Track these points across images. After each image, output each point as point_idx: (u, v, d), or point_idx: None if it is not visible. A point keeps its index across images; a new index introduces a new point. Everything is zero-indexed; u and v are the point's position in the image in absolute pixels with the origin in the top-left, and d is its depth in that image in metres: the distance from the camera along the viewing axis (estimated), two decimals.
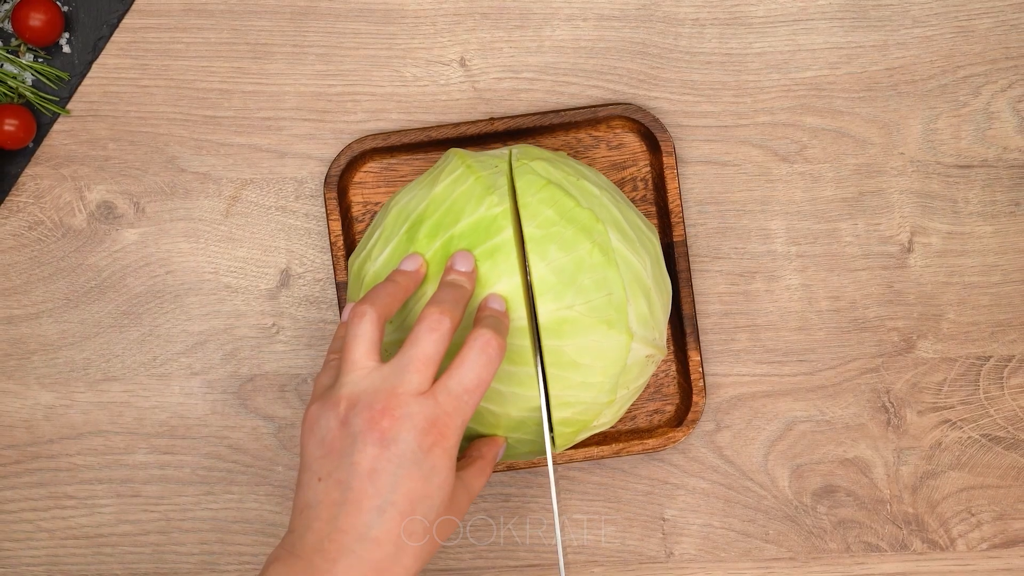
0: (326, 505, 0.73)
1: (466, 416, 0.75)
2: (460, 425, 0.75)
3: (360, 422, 0.74)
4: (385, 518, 0.73)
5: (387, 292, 0.78)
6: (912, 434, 0.96)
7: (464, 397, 0.75)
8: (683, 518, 0.96)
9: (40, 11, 0.92)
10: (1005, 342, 0.96)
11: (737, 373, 0.96)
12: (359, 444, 0.73)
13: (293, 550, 0.74)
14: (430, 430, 0.74)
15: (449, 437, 0.74)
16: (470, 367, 0.75)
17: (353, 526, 0.73)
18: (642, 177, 0.95)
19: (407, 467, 0.73)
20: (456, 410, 0.75)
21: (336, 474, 0.74)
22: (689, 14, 0.96)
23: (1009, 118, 0.96)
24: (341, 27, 0.95)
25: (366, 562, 0.72)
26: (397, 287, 0.79)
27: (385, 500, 0.73)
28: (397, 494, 0.73)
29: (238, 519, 0.96)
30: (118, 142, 0.96)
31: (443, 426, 0.74)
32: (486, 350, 0.75)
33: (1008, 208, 0.96)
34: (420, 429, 0.73)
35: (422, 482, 0.74)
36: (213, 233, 0.96)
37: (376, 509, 0.73)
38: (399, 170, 0.95)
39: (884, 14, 0.95)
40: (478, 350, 0.75)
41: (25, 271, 0.96)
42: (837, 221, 0.96)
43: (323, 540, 0.73)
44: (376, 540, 0.73)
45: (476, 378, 0.75)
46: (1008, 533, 0.96)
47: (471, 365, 0.75)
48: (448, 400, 0.74)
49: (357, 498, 0.73)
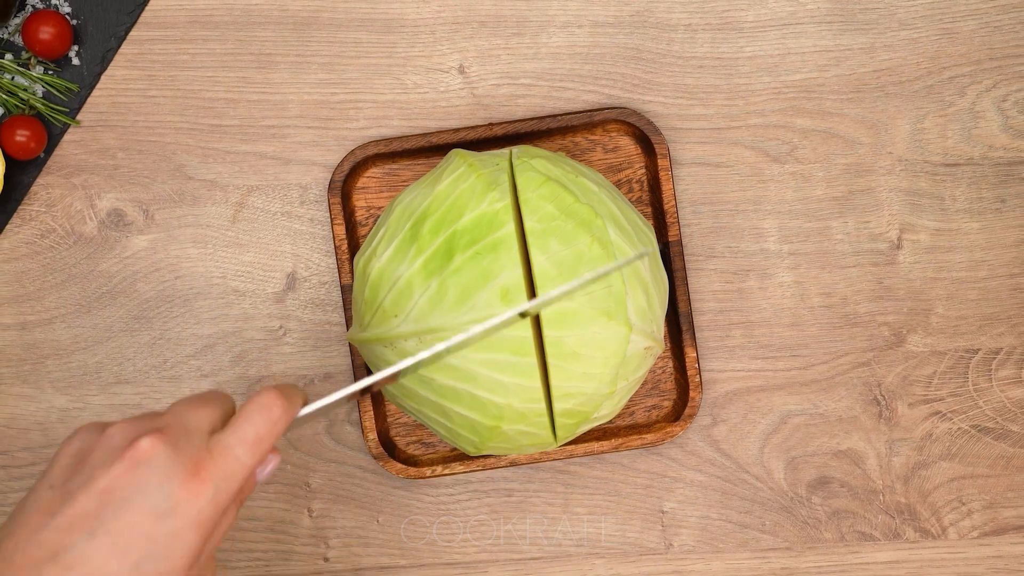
0: (40, 513, 0.64)
1: (237, 477, 0.65)
2: (224, 482, 0.65)
3: (125, 439, 0.65)
4: (92, 543, 0.62)
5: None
6: (903, 426, 0.97)
7: (238, 451, 0.66)
8: (682, 510, 0.97)
9: (50, 24, 0.93)
10: (993, 335, 0.97)
11: (732, 369, 0.97)
12: (110, 460, 0.64)
13: None
14: (192, 473, 0.64)
15: (206, 491, 0.64)
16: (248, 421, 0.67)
17: (53, 543, 0.62)
18: (637, 179, 0.96)
19: (143, 497, 0.63)
20: (226, 464, 0.65)
21: (69, 484, 0.64)
22: (681, 20, 0.96)
23: (994, 117, 0.96)
24: (343, 37, 0.96)
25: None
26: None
27: (102, 524, 0.63)
28: (117, 522, 0.63)
29: (248, 516, 0.97)
30: (127, 151, 0.97)
31: (207, 476, 0.64)
32: (270, 408, 0.67)
33: (994, 205, 0.97)
34: (181, 465, 0.64)
35: (152, 521, 0.63)
36: (220, 239, 0.97)
37: (87, 531, 0.63)
38: (401, 175, 0.96)
39: (871, 17, 0.96)
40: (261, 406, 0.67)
41: (38, 278, 0.97)
42: (828, 219, 0.97)
43: (16, 552, 0.63)
44: (69, 565, 0.62)
45: (255, 434, 0.66)
46: (998, 521, 0.97)
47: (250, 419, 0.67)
48: (220, 451, 0.65)
49: (75, 514, 0.63)
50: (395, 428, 0.96)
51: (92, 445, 0.66)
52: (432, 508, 0.97)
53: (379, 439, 0.95)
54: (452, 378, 0.82)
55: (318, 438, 0.97)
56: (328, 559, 0.97)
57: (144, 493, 0.63)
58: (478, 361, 0.82)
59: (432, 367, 0.82)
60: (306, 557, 0.97)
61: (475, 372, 0.82)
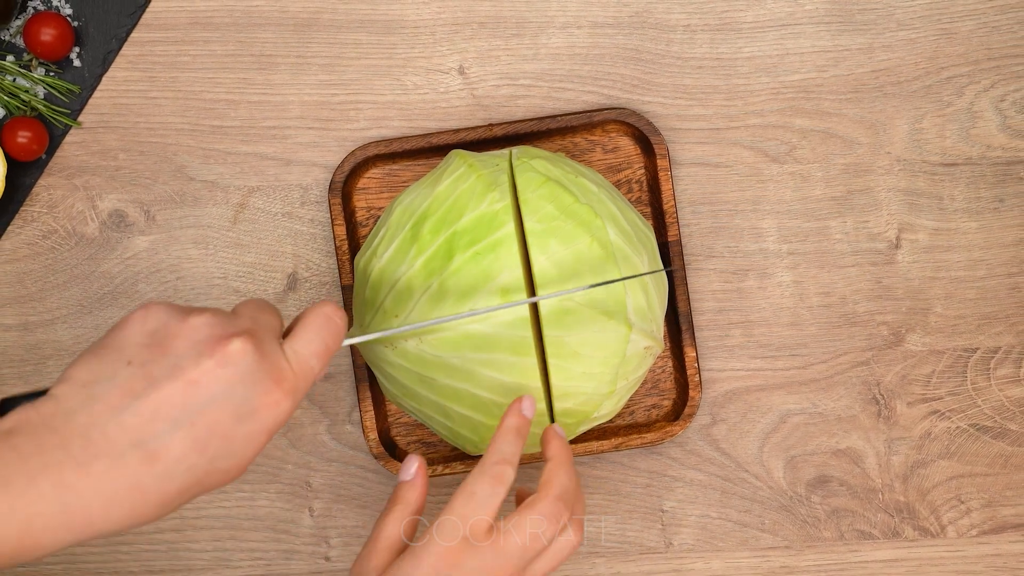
0: (121, 392, 0.63)
1: (308, 386, 0.69)
2: (297, 392, 0.68)
3: (213, 335, 0.66)
4: (175, 434, 0.63)
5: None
6: (902, 425, 0.97)
7: (312, 362, 0.69)
8: (681, 509, 0.97)
9: (51, 26, 0.93)
10: (991, 334, 0.97)
11: (732, 368, 0.97)
12: (198, 353, 0.65)
13: (50, 422, 0.63)
14: (275, 381, 0.66)
15: (283, 400, 0.67)
16: (317, 332, 0.70)
17: (137, 428, 0.63)
18: (637, 179, 0.96)
19: (229, 398, 0.64)
20: (302, 375, 0.68)
21: (151, 367, 0.64)
22: (680, 20, 0.97)
23: (992, 117, 0.96)
24: (343, 38, 0.97)
25: (128, 474, 0.62)
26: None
27: (185, 416, 0.64)
28: (202, 417, 0.64)
29: (250, 516, 0.97)
30: (128, 152, 0.97)
31: (287, 386, 0.67)
32: (334, 319, 0.71)
33: (992, 204, 0.97)
34: (265, 372, 0.66)
35: (233, 421, 0.65)
36: (221, 239, 0.97)
37: (172, 421, 0.63)
38: (401, 176, 0.96)
39: (869, 18, 0.96)
40: (326, 317, 0.70)
41: (40, 279, 0.97)
42: (827, 219, 0.97)
43: (94, 428, 0.62)
44: (152, 454, 0.63)
45: (324, 346, 0.70)
46: (997, 519, 0.97)
47: (319, 331, 0.70)
48: (297, 361, 0.68)
49: (160, 400, 0.63)
50: (396, 428, 0.97)
51: (172, 330, 0.66)
52: (433, 507, 0.97)
53: (380, 439, 0.95)
54: (453, 378, 0.83)
55: (319, 438, 0.97)
56: (329, 558, 0.97)
57: (230, 394, 0.64)
58: (478, 361, 0.82)
59: (431, 367, 0.83)
60: (307, 556, 0.97)
61: (475, 372, 0.82)
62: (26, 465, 0.61)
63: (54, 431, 0.62)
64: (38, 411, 0.63)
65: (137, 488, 0.63)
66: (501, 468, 0.75)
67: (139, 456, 0.62)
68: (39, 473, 0.61)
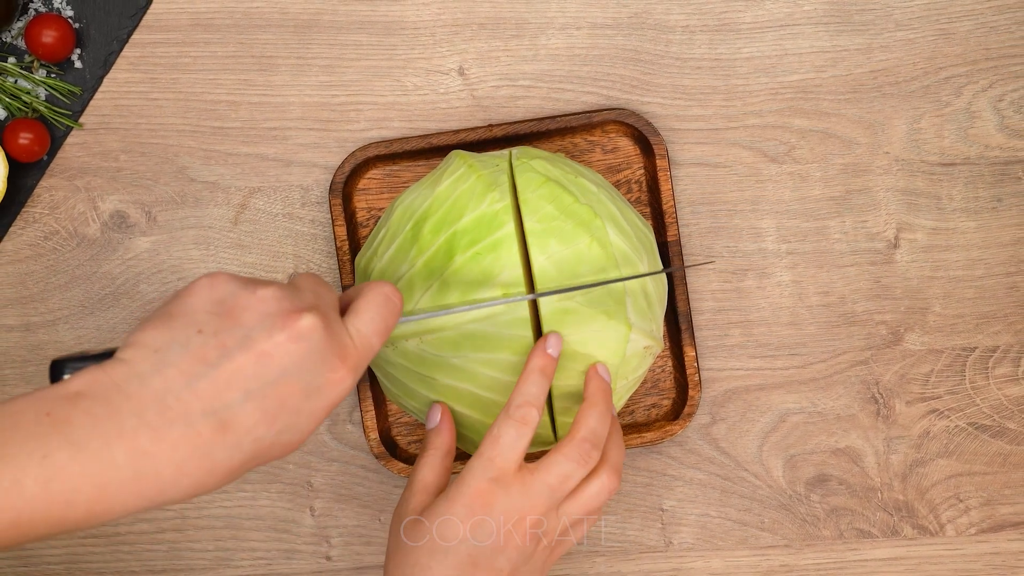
0: (194, 359, 0.63)
1: (367, 364, 0.69)
2: (358, 369, 0.68)
3: (282, 308, 0.65)
4: (246, 405, 0.63)
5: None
6: (901, 424, 0.97)
7: (373, 341, 0.69)
8: (681, 508, 0.97)
9: (52, 28, 0.93)
10: (989, 333, 0.97)
11: (731, 367, 0.97)
12: (268, 325, 0.64)
13: (123, 386, 0.62)
14: (341, 359, 0.66)
15: (347, 378, 0.67)
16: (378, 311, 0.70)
17: (212, 397, 0.62)
18: (636, 179, 0.96)
19: (299, 372, 0.64)
20: (363, 353, 0.68)
21: (223, 336, 0.64)
22: (679, 21, 0.97)
23: (990, 117, 0.97)
24: (343, 39, 0.97)
25: (200, 443, 0.62)
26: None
27: (257, 387, 0.63)
28: (273, 389, 0.64)
29: (251, 516, 0.97)
30: (129, 154, 0.97)
31: (351, 364, 0.67)
32: (392, 299, 0.71)
33: (990, 204, 0.97)
34: (332, 350, 0.66)
35: (301, 396, 0.65)
36: (223, 240, 0.97)
37: (243, 392, 0.63)
38: (401, 176, 0.97)
39: (867, 18, 0.97)
40: (386, 297, 0.71)
41: (42, 279, 0.97)
42: (825, 219, 0.97)
43: (169, 394, 0.62)
44: (224, 423, 0.62)
45: (384, 325, 0.70)
46: (995, 518, 0.97)
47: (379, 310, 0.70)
48: (360, 340, 0.69)
49: (233, 370, 0.63)
50: (396, 427, 0.97)
51: (242, 301, 0.65)
52: None
53: (381, 439, 0.95)
54: (453, 377, 0.83)
55: (320, 438, 0.97)
56: (330, 558, 0.98)
57: (300, 368, 0.64)
58: (479, 361, 0.82)
59: (432, 366, 0.83)
60: (308, 556, 0.98)
61: (476, 372, 0.82)
62: (99, 429, 0.60)
63: (128, 395, 0.61)
64: (108, 374, 0.62)
65: (207, 456, 0.62)
66: (525, 411, 0.77)
67: (212, 425, 0.62)
68: (114, 438, 0.60)
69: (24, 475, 0.59)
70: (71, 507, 0.60)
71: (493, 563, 0.77)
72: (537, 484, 0.77)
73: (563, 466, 0.78)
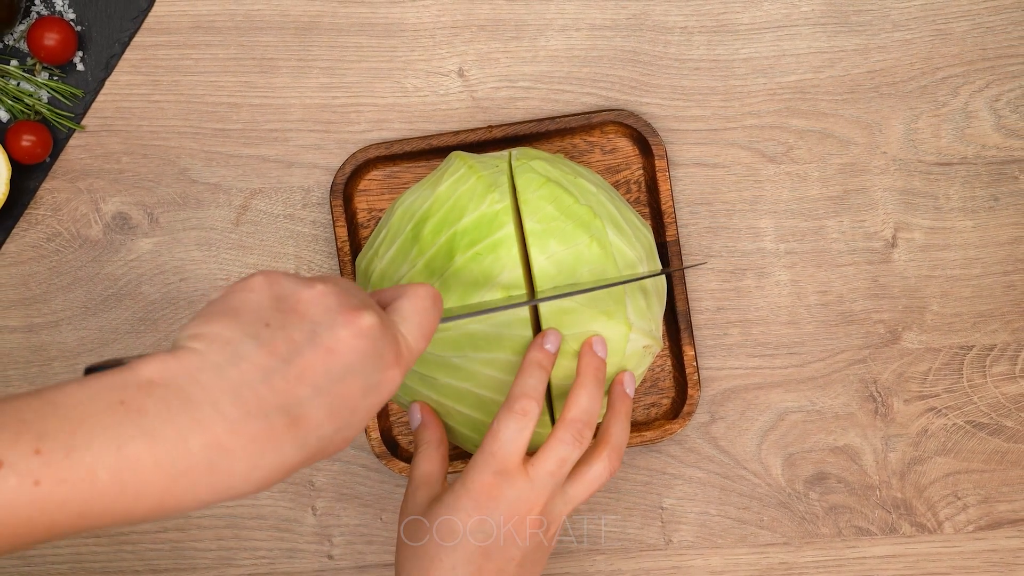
0: (266, 353, 0.61)
1: (413, 364, 0.69)
2: (407, 368, 0.68)
3: (342, 304, 0.64)
4: (315, 401, 0.62)
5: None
6: (899, 422, 0.97)
7: (421, 344, 0.69)
8: (681, 507, 0.98)
9: (54, 31, 0.94)
10: (987, 332, 0.97)
11: (730, 366, 0.98)
12: (330, 321, 0.63)
13: (198, 378, 0.59)
14: (396, 357, 0.66)
15: (398, 377, 0.66)
16: (425, 313, 0.70)
17: (285, 391, 0.61)
18: (635, 180, 0.97)
19: (361, 370, 0.64)
20: (412, 353, 0.68)
21: (291, 331, 0.62)
22: (678, 22, 0.97)
23: (986, 117, 0.97)
24: (344, 41, 0.97)
25: (273, 437, 0.60)
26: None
27: (326, 384, 0.62)
28: (339, 386, 0.63)
29: (253, 515, 0.98)
30: (131, 155, 0.97)
31: (402, 363, 0.67)
32: (436, 301, 0.71)
33: (987, 203, 0.97)
34: (389, 349, 0.65)
35: (361, 394, 0.64)
36: (224, 241, 0.97)
37: (313, 388, 0.62)
38: (402, 177, 0.97)
39: (865, 19, 0.97)
40: (433, 299, 0.70)
41: (44, 281, 0.97)
42: (823, 219, 0.97)
43: (245, 387, 0.60)
44: (296, 419, 0.61)
45: (430, 327, 0.70)
46: (993, 515, 0.97)
47: (426, 312, 0.70)
48: (407, 341, 0.68)
49: (305, 365, 0.62)
50: (398, 427, 0.97)
51: (302, 296, 0.64)
52: None
53: (382, 438, 0.96)
54: (454, 377, 0.83)
55: None
56: (332, 557, 0.98)
57: (362, 366, 0.63)
58: (479, 360, 0.82)
59: (433, 366, 0.83)
60: (310, 555, 0.98)
61: (476, 371, 0.83)
62: (175, 420, 0.58)
63: (203, 386, 0.59)
64: (182, 363, 0.59)
65: (279, 452, 0.60)
66: (524, 403, 0.78)
67: (284, 420, 0.60)
68: (190, 429, 0.58)
69: (98, 465, 0.56)
70: (140, 499, 0.57)
71: (504, 553, 0.78)
72: (539, 474, 0.78)
73: (558, 450, 0.79)
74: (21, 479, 0.55)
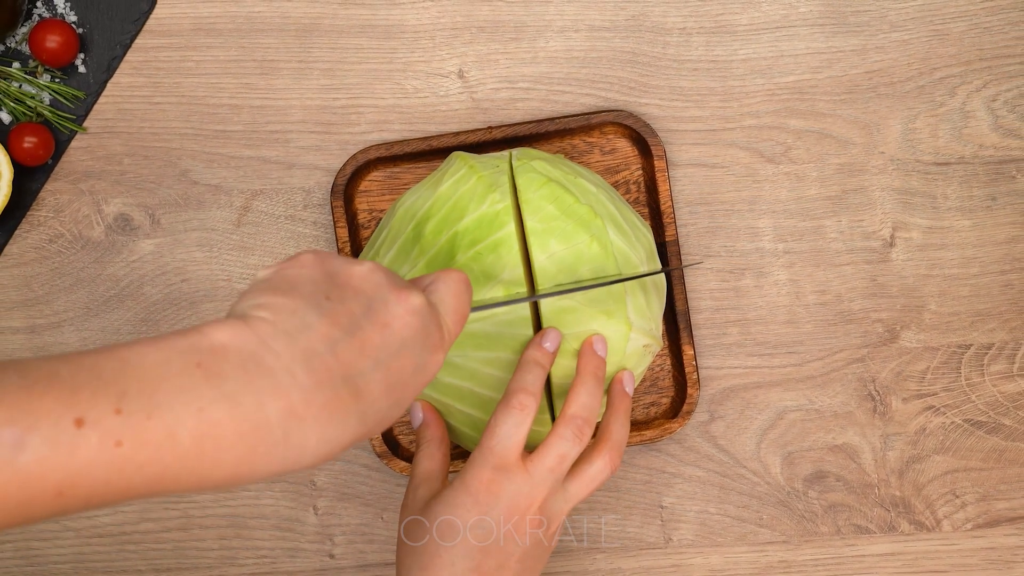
0: (330, 323, 0.60)
1: (450, 346, 0.70)
2: (447, 350, 0.68)
3: (392, 282, 0.65)
4: (376, 374, 0.61)
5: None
6: (898, 420, 0.97)
7: (458, 327, 0.70)
8: (681, 505, 0.98)
9: (56, 33, 0.94)
10: (984, 331, 0.97)
11: (729, 366, 0.98)
12: (386, 299, 0.64)
13: (272, 345, 0.58)
14: (441, 337, 0.67)
15: (441, 359, 0.67)
16: (459, 297, 0.71)
17: (350, 363, 0.60)
18: (635, 180, 0.97)
19: (413, 347, 0.64)
20: (452, 335, 0.69)
21: (349, 304, 0.62)
22: (676, 23, 0.97)
23: (984, 117, 0.97)
24: (344, 43, 0.97)
25: (340, 408, 0.59)
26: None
27: (384, 357, 0.62)
28: (395, 361, 0.63)
29: (255, 515, 0.98)
30: (133, 157, 0.98)
31: (445, 345, 0.68)
32: (469, 287, 0.72)
33: (985, 203, 0.98)
34: (435, 330, 0.66)
35: (412, 371, 0.64)
36: (225, 242, 0.98)
37: (373, 360, 0.62)
38: (402, 178, 0.97)
39: (863, 20, 0.97)
40: (466, 284, 0.72)
41: (47, 282, 0.98)
42: (822, 218, 0.97)
43: (315, 356, 0.59)
44: (358, 391, 0.60)
45: (465, 311, 0.71)
46: (991, 513, 0.97)
47: (461, 296, 0.71)
48: (448, 323, 0.69)
49: (365, 338, 0.61)
50: (398, 426, 0.98)
51: (354, 272, 0.64)
52: None
53: (382, 437, 0.96)
54: (454, 376, 0.84)
55: None
56: (334, 556, 0.98)
57: (415, 343, 0.64)
58: (480, 360, 0.83)
59: None
60: (312, 554, 0.98)
61: (477, 370, 0.83)
62: (254, 385, 0.56)
63: (277, 354, 0.58)
64: (254, 329, 0.58)
65: (344, 423, 0.59)
66: (521, 398, 0.78)
67: (350, 391, 0.60)
68: (268, 395, 0.56)
69: (180, 428, 0.54)
70: (218, 467, 0.55)
71: (504, 550, 0.78)
72: (538, 470, 0.78)
73: (558, 446, 0.79)
74: (103, 439, 0.52)
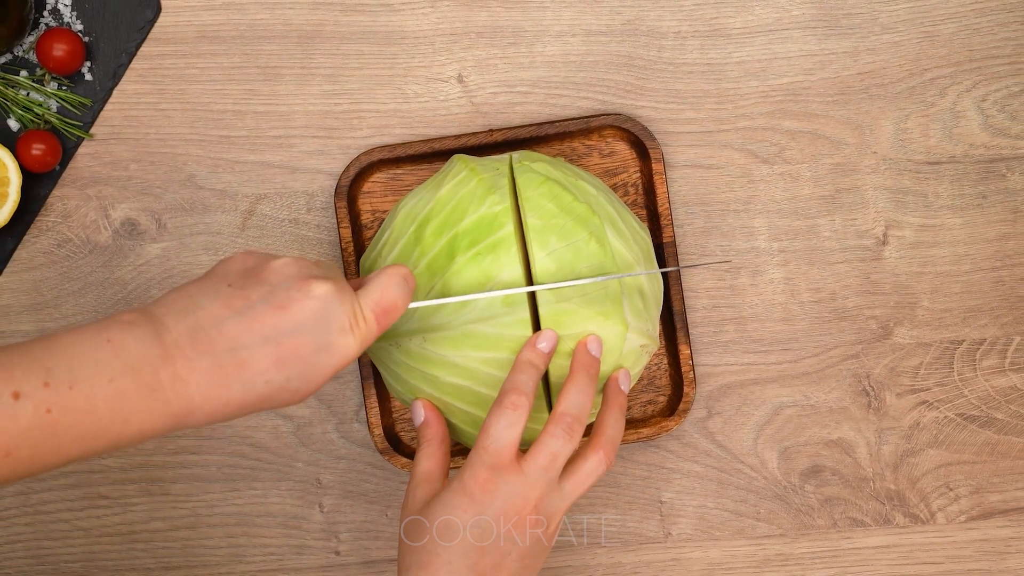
0: (222, 305, 0.71)
1: (374, 336, 0.75)
2: (366, 339, 0.75)
3: (302, 273, 0.73)
4: (264, 348, 0.71)
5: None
6: (892, 415, 0.98)
7: (383, 319, 0.76)
8: (679, 500, 0.98)
9: (63, 42, 0.94)
10: (976, 326, 0.98)
11: (726, 363, 0.98)
12: (287, 285, 0.72)
13: (163, 321, 0.70)
14: (350, 325, 0.74)
15: (353, 344, 0.74)
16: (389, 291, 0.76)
17: (235, 337, 0.70)
18: (633, 183, 0.97)
19: (312, 329, 0.72)
20: (370, 325, 0.75)
21: (249, 291, 0.72)
22: (672, 27, 0.97)
23: (974, 116, 0.97)
24: (345, 49, 0.97)
25: (222, 375, 0.70)
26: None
27: (275, 335, 0.71)
28: (288, 339, 0.71)
29: (262, 513, 0.98)
30: (139, 163, 0.98)
31: (356, 332, 0.74)
32: (407, 280, 0.77)
33: (976, 201, 0.98)
34: (341, 316, 0.73)
35: (311, 350, 0.72)
36: (231, 245, 0.97)
37: (262, 337, 0.71)
38: (404, 180, 0.97)
39: (854, 22, 0.97)
40: (403, 277, 0.77)
41: (55, 286, 0.98)
42: (816, 217, 0.98)
43: (200, 331, 0.70)
44: (243, 361, 0.70)
45: (393, 303, 0.76)
46: (984, 506, 0.98)
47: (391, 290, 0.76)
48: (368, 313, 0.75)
49: (255, 317, 0.71)
50: (400, 424, 0.98)
51: (268, 266, 0.74)
52: None
53: (384, 434, 0.96)
54: (455, 375, 0.84)
55: (328, 436, 0.98)
56: (339, 552, 0.99)
57: (313, 326, 0.72)
58: (480, 359, 0.83)
59: (435, 365, 0.85)
60: (318, 551, 0.99)
61: (477, 370, 0.83)
62: (150, 355, 0.69)
63: (167, 328, 0.70)
64: (151, 310, 0.71)
65: (226, 388, 0.70)
66: (514, 397, 0.79)
67: (233, 361, 0.70)
68: (160, 363, 0.69)
69: (96, 395, 0.68)
70: (128, 425, 0.69)
71: (501, 549, 0.78)
72: (532, 468, 0.79)
73: (549, 444, 0.79)
74: (36, 408, 0.66)
